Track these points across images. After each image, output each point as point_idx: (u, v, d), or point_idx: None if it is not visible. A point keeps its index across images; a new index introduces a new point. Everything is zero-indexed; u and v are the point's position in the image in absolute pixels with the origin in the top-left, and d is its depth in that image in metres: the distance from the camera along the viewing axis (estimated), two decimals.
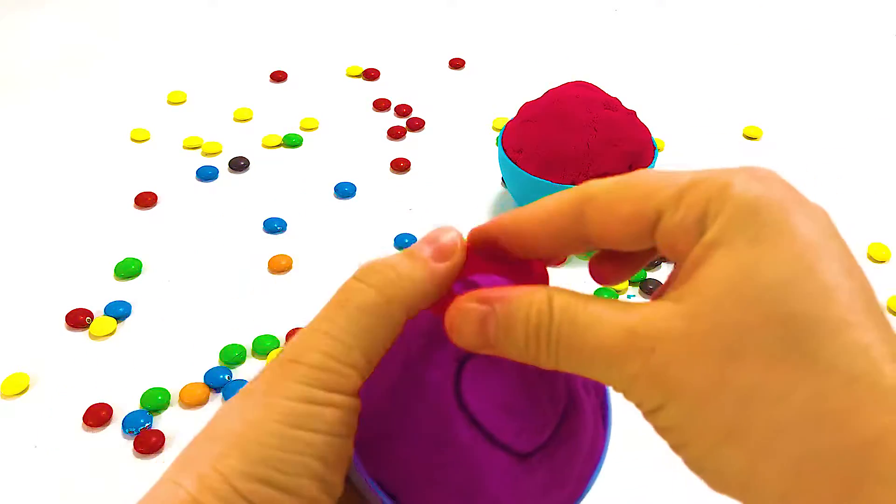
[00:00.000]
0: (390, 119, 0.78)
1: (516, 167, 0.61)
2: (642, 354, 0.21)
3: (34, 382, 0.53)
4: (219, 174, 0.70)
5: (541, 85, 0.70)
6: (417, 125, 0.76)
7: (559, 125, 0.60)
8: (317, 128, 0.76)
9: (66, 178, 0.69)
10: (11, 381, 0.52)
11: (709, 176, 0.22)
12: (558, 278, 0.57)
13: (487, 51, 0.87)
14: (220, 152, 0.73)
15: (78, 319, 0.56)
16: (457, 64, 0.85)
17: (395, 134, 0.75)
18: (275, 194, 0.68)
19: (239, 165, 0.71)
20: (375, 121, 0.77)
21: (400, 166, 0.71)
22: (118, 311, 0.57)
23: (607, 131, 0.59)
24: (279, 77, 0.82)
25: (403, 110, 0.78)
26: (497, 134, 0.76)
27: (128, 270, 0.60)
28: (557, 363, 0.23)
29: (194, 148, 0.73)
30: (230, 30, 0.89)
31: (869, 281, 0.22)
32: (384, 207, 0.68)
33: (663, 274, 0.62)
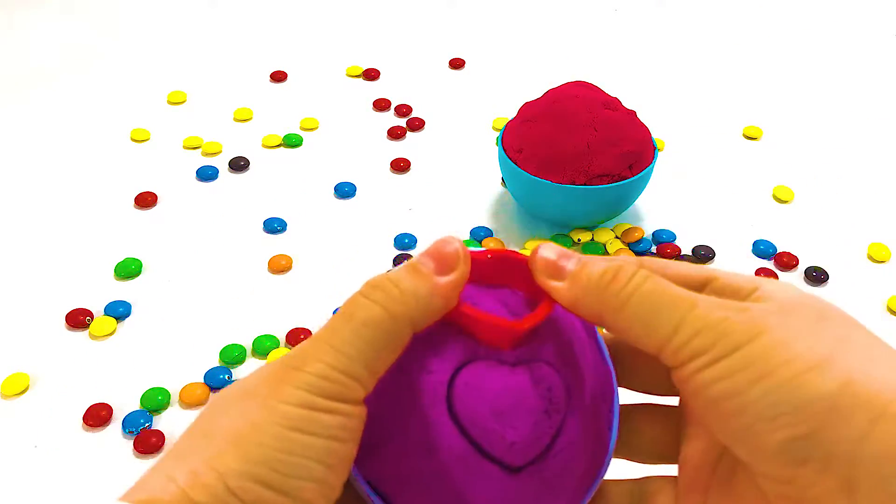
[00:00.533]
0: (390, 119, 0.78)
1: (516, 167, 0.61)
2: (735, 309, 0.24)
3: (34, 382, 0.53)
4: (219, 174, 0.70)
5: (541, 85, 0.70)
6: (417, 125, 0.76)
7: (559, 125, 0.60)
8: (317, 128, 0.76)
9: (66, 178, 0.69)
10: (11, 381, 0.52)
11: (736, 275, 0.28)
12: None
13: (487, 51, 0.87)
14: (220, 152, 0.73)
15: (78, 319, 0.56)
16: (457, 64, 0.85)
17: (395, 134, 0.75)
18: (275, 194, 0.68)
19: (239, 165, 0.71)
20: (375, 121, 0.77)
21: (400, 166, 0.71)
22: (118, 311, 0.57)
23: (607, 131, 0.59)
24: (279, 77, 0.82)
25: (403, 110, 0.78)
26: (497, 134, 0.76)
27: (128, 270, 0.60)
28: (626, 303, 0.25)
29: (194, 148, 0.73)
30: (230, 30, 0.89)
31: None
32: (384, 207, 0.68)
33: None
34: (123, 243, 0.63)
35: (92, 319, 0.56)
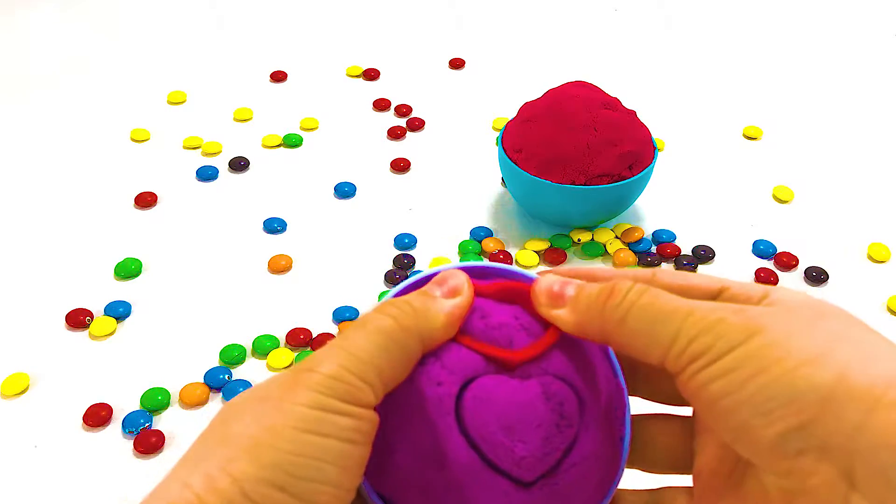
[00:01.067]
0: (390, 119, 0.78)
1: (516, 167, 0.61)
2: (731, 311, 0.25)
3: (34, 382, 0.53)
4: (219, 174, 0.70)
5: (541, 85, 0.70)
6: (417, 125, 0.76)
7: (559, 125, 0.60)
8: (317, 128, 0.76)
9: (67, 178, 0.69)
10: (11, 381, 0.52)
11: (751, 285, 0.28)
12: None
13: (487, 51, 0.87)
14: (220, 152, 0.73)
15: (78, 319, 0.56)
16: (457, 64, 0.85)
17: (395, 134, 0.75)
18: (275, 194, 0.68)
19: (239, 165, 0.71)
20: (375, 121, 0.77)
21: (400, 166, 0.71)
22: (118, 311, 0.57)
23: (607, 131, 0.59)
24: (279, 77, 0.82)
25: (403, 110, 0.78)
26: (497, 134, 0.76)
27: (128, 270, 0.60)
28: (625, 317, 0.26)
29: (194, 148, 0.73)
30: (230, 30, 0.89)
31: None
32: (384, 207, 0.68)
33: None
34: (123, 243, 0.63)
35: (92, 319, 0.56)
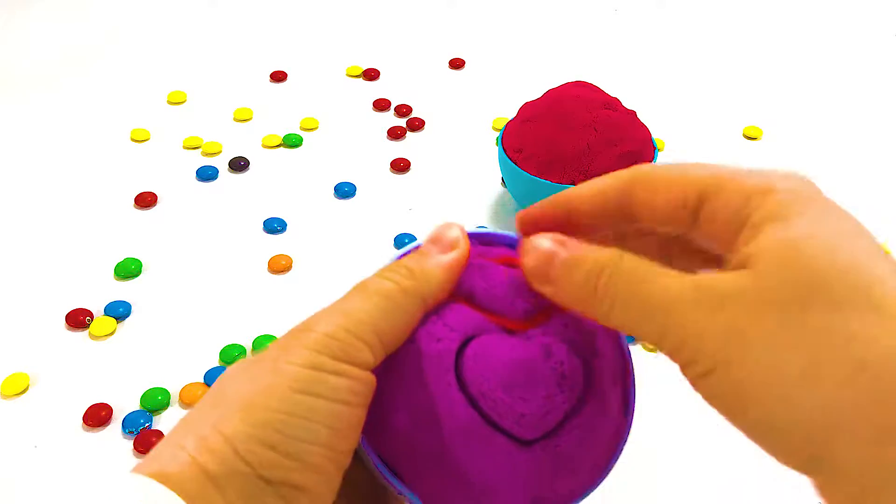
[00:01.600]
0: (390, 119, 0.78)
1: (516, 167, 0.61)
2: (710, 308, 0.22)
3: (34, 382, 0.53)
4: (219, 174, 0.70)
5: (541, 85, 0.70)
6: (417, 125, 0.76)
7: (559, 125, 0.60)
8: (317, 128, 0.76)
9: (66, 178, 0.69)
10: (11, 381, 0.52)
11: (747, 171, 0.25)
12: None
13: (487, 51, 0.87)
14: (220, 152, 0.73)
15: (78, 319, 0.56)
16: (457, 64, 0.85)
17: (395, 134, 0.75)
18: (275, 194, 0.68)
19: (239, 165, 0.71)
20: (375, 121, 0.77)
21: (400, 166, 0.71)
22: (118, 311, 0.57)
23: (607, 131, 0.59)
24: (279, 77, 0.82)
25: (403, 110, 0.78)
26: (497, 134, 0.76)
27: (128, 270, 0.60)
28: (611, 310, 0.24)
29: (194, 148, 0.73)
30: (230, 30, 0.89)
31: None
32: (384, 207, 0.68)
33: None
34: (123, 243, 0.63)
35: (92, 319, 0.56)
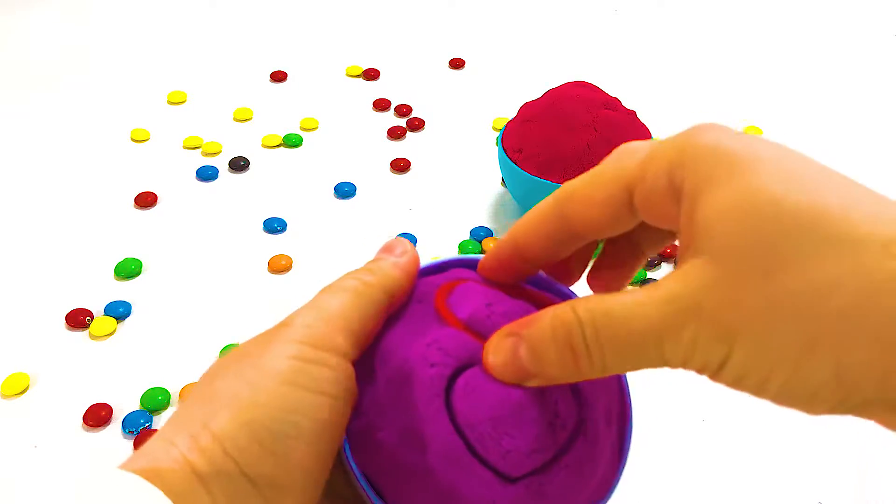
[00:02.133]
0: (390, 119, 0.78)
1: (516, 167, 0.61)
2: (692, 314, 0.22)
3: (34, 382, 0.53)
4: (219, 174, 0.70)
5: (541, 85, 0.70)
6: (417, 125, 0.76)
7: (559, 125, 0.60)
8: (317, 128, 0.76)
9: (66, 178, 0.69)
10: (11, 381, 0.52)
11: (663, 142, 0.24)
12: None
13: (487, 51, 0.87)
14: (220, 152, 0.73)
15: (78, 319, 0.56)
16: (457, 64, 0.85)
17: (395, 134, 0.75)
18: (275, 194, 0.68)
19: (239, 165, 0.71)
20: (375, 121, 0.77)
21: (400, 166, 0.71)
22: (118, 311, 0.57)
23: (607, 131, 0.59)
24: (279, 77, 0.82)
25: (403, 110, 0.78)
26: (497, 134, 0.76)
27: (128, 270, 0.60)
28: (605, 365, 0.24)
29: (194, 148, 0.73)
30: (230, 30, 0.89)
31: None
32: (384, 207, 0.68)
33: (662, 273, 0.62)
34: (123, 243, 0.63)
35: (92, 319, 0.56)
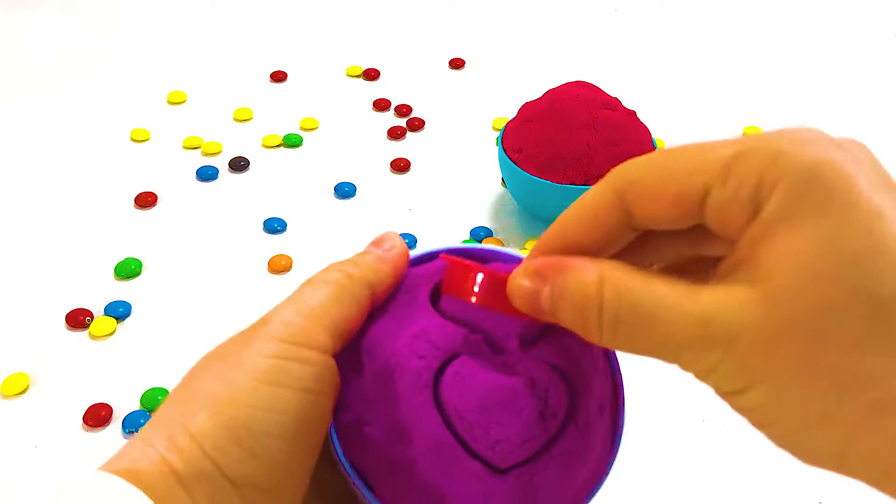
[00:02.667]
0: (390, 119, 0.78)
1: (516, 167, 0.61)
2: (720, 345, 0.21)
3: (34, 382, 0.53)
4: (219, 174, 0.70)
5: (541, 85, 0.70)
6: (417, 125, 0.76)
7: (559, 125, 0.60)
8: (317, 128, 0.76)
9: (67, 178, 0.69)
10: (11, 381, 0.52)
11: (755, 146, 0.21)
12: None
13: (487, 51, 0.87)
14: (220, 152, 0.73)
15: (78, 319, 0.56)
16: (457, 64, 0.85)
17: (395, 134, 0.75)
18: (275, 194, 0.68)
19: (239, 165, 0.71)
20: (375, 121, 0.77)
21: (400, 166, 0.71)
22: (118, 311, 0.57)
23: (607, 131, 0.59)
24: (279, 77, 0.82)
25: (403, 110, 0.78)
26: (497, 134, 0.76)
27: (128, 270, 0.60)
28: (613, 344, 0.23)
29: (194, 148, 0.73)
30: (230, 30, 0.89)
31: None
32: (384, 207, 0.68)
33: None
34: (123, 243, 0.63)
35: (92, 319, 0.56)
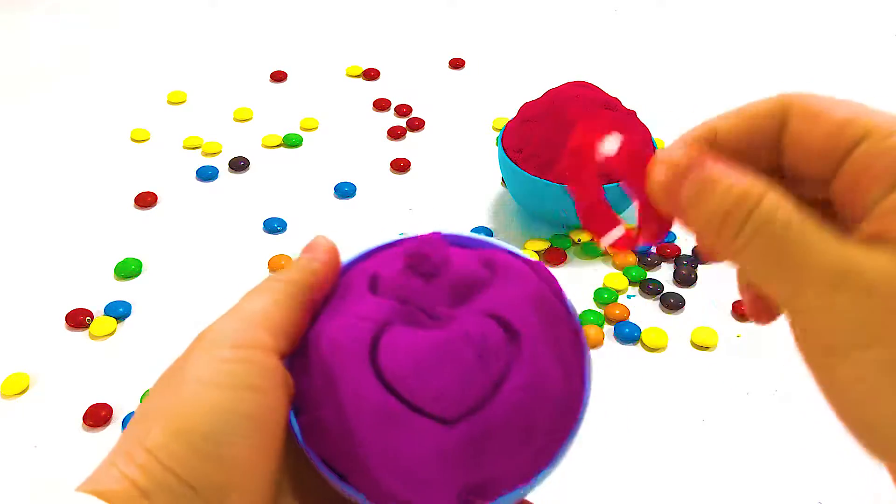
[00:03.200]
0: (390, 119, 0.78)
1: (516, 167, 0.61)
2: (856, 290, 0.21)
3: (34, 382, 0.53)
4: (219, 174, 0.70)
5: (541, 85, 0.70)
6: (417, 125, 0.76)
7: (559, 125, 0.60)
8: (317, 128, 0.76)
9: (66, 178, 0.69)
10: (11, 381, 0.52)
11: None
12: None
13: (487, 51, 0.87)
14: (220, 152, 0.73)
15: (78, 319, 0.56)
16: (457, 64, 0.85)
17: (395, 134, 0.75)
18: (275, 194, 0.68)
19: (239, 165, 0.71)
20: (375, 121, 0.77)
21: (400, 166, 0.71)
22: (118, 311, 0.57)
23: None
24: (279, 77, 0.82)
25: (403, 110, 0.78)
26: (497, 134, 0.76)
27: (128, 270, 0.60)
28: (738, 255, 0.22)
29: (194, 148, 0.73)
30: (230, 30, 0.89)
31: None
32: (384, 207, 0.68)
33: (662, 273, 0.62)
34: (123, 243, 0.63)
35: (92, 319, 0.56)
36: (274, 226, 0.65)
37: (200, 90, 0.80)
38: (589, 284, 0.61)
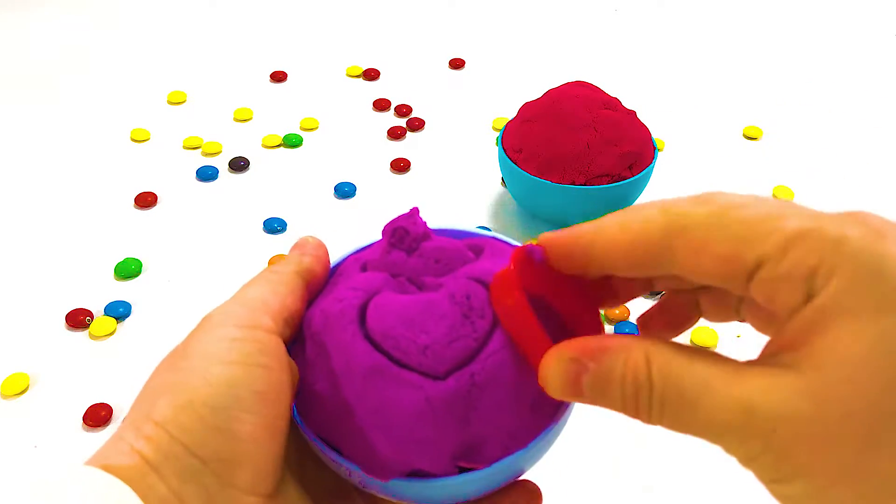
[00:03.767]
0: (390, 119, 0.78)
1: (516, 167, 0.61)
2: (763, 435, 0.20)
3: (34, 382, 0.53)
4: (219, 174, 0.70)
5: (541, 85, 0.70)
6: (417, 125, 0.76)
7: (559, 125, 0.60)
8: (317, 128, 0.76)
9: (67, 178, 0.69)
10: (11, 381, 0.52)
11: (818, 226, 0.21)
12: None
13: (487, 51, 0.87)
14: (220, 152, 0.73)
15: (78, 319, 0.56)
16: (457, 64, 0.85)
17: (395, 134, 0.75)
18: (275, 194, 0.68)
19: (239, 165, 0.71)
20: (375, 121, 0.77)
21: (400, 166, 0.71)
22: (118, 311, 0.57)
23: (607, 131, 0.59)
24: (279, 77, 0.82)
25: (403, 110, 0.78)
26: (497, 134, 0.76)
27: (128, 270, 0.60)
28: (662, 423, 0.23)
29: (194, 148, 0.73)
30: (230, 30, 0.89)
31: None
32: (384, 207, 0.68)
33: None
34: (123, 243, 0.63)
35: (92, 319, 0.56)
36: (274, 226, 0.65)
37: (200, 90, 0.80)
38: None
